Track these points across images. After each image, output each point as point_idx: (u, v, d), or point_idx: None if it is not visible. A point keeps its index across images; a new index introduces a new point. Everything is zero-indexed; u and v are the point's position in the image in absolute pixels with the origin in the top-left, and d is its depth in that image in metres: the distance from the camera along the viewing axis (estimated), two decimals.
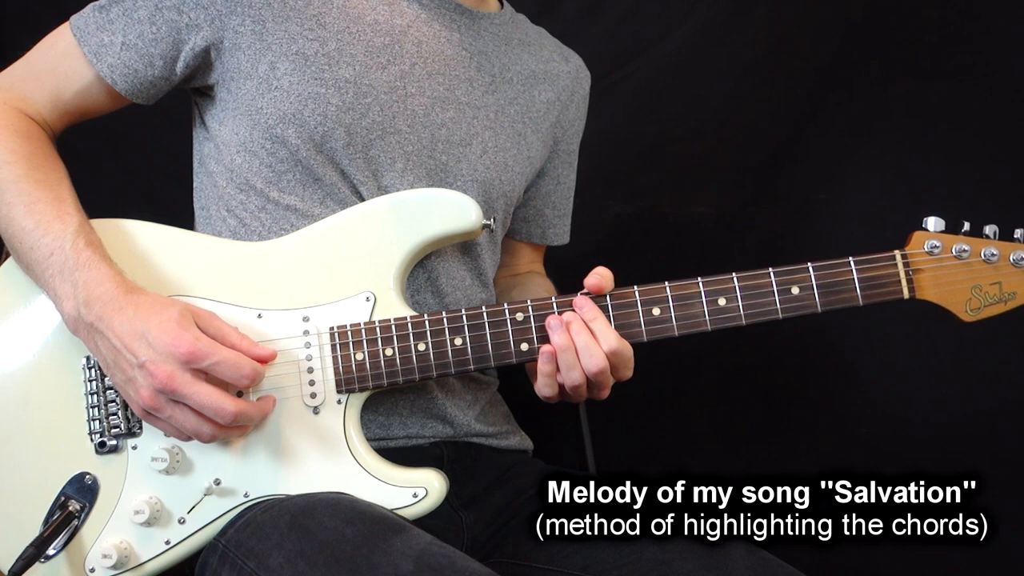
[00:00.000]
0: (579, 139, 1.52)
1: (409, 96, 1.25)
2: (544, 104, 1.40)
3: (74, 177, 1.21)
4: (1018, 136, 1.89)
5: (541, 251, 1.59)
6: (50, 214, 1.13)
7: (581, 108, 1.50)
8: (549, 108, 1.41)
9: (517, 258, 1.55)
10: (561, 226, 1.54)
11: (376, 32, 1.25)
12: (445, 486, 1.15)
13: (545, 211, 1.50)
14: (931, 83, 1.92)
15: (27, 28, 1.27)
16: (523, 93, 1.37)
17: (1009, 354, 1.91)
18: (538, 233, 1.52)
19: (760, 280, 1.14)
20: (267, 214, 1.24)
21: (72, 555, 1.13)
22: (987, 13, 1.90)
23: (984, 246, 1.14)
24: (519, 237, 1.52)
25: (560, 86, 1.43)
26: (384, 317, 1.15)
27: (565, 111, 1.44)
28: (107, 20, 1.22)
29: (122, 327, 1.07)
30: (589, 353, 1.11)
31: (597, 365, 1.11)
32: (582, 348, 1.11)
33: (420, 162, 1.26)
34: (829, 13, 1.95)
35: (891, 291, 1.14)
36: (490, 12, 1.37)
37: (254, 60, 1.21)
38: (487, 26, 1.35)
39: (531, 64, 1.40)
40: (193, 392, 1.05)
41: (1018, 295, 1.15)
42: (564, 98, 1.44)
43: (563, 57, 1.46)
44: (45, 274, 1.12)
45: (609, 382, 1.14)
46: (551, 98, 1.41)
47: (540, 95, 1.39)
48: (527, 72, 1.39)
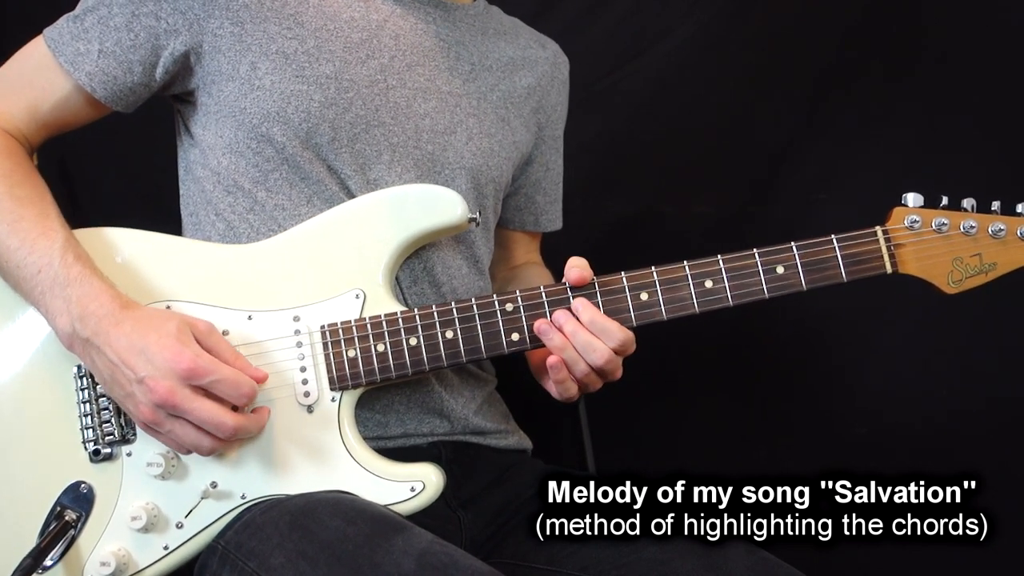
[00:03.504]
0: (563, 124, 1.53)
1: (390, 89, 1.26)
2: (525, 89, 1.41)
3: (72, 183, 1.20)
4: (1018, 136, 1.89)
5: (537, 241, 1.59)
6: (35, 231, 1.13)
7: (562, 93, 1.51)
8: (530, 93, 1.42)
9: (513, 250, 1.56)
10: (553, 212, 1.54)
11: (353, 28, 1.26)
12: (442, 480, 1.15)
13: (536, 198, 1.51)
14: (931, 83, 1.92)
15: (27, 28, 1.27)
16: (503, 80, 1.38)
17: (1009, 354, 1.91)
18: (531, 220, 1.52)
19: (745, 261, 1.15)
20: (255, 215, 1.24)
21: (70, 565, 1.12)
22: (987, 13, 1.90)
23: (963, 219, 1.16)
24: (513, 226, 1.52)
25: (539, 71, 1.44)
26: (374, 313, 1.16)
27: (547, 96, 1.45)
28: (81, 30, 1.22)
29: (120, 342, 1.06)
30: (592, 349, 1.12)
31: (603, 358, 1.12)
32: (583, 347, 1.13)
33: (407, 153, 1.26)
34: (829, 13, 1.95)
35: (874, 266, 1.15)
36: (464, 4, 1.38)
37: (235, 62, 1.21)
38: (462, 17, 1.37)
39: (509, 52, 1.41)
40: (194, 408, 1.04)
41: (998, 266, 1.16)
42: (544, 83, 1.45)
43: (540, 44, 1.47)
44: (35, 292, 1.11)
45: (617, 365, 1.16)
46: (531, 83, 1.42)
47: (520, 81, 1.40)
48: (505, 59, 1.40)
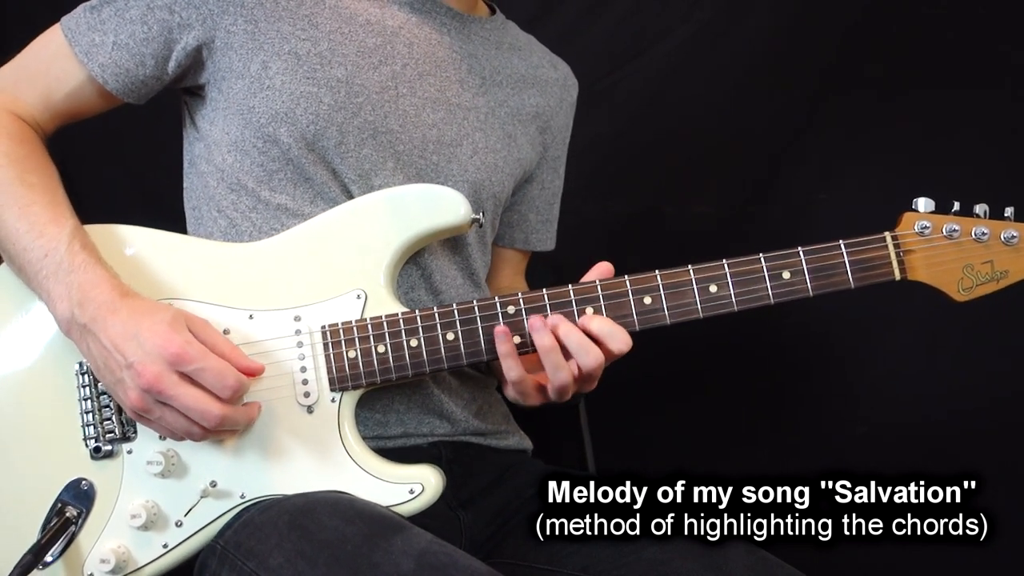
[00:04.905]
0: (566, 146, 1.52)
1: (400, 96, 1.26)
2: (533, 108, 1.40)
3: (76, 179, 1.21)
4: (1018, 136, 1.89)
5: (524, 263, 1.58)
6: (45, 217, 1.13)
7: (569, 116, 1.50)
8: (539, 113, 1.41)
9: (500, 269, 1.53)
10: (544, 232, 1.53)
11: (368, 33, 1.25)
12: (442, 481, 1.14)
13: (529, 216, 1.50)
14: (931, 83, 1.92)
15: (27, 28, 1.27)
16: (512, 96, 1.38)
17: (1009, 354, 1.91)
18: (521, 238, 1.51)
19: (751, 266, 1.14)
20: (258, 214, 1.24)
21: (70, 561, 1.13)
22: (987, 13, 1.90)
23: (974, 225, 1.13)
24: (503, 243, 1.51)
25: (549, 93, 1.43)
26: (375, 314, 1.15)
27: (554, 118, 1.45)
28: (98, 20, 1.22)
29: (114, 328, 1.06)
30: (585, 352, 1.10)
31: (596, 361, 1.10)
32: (576, 348, 1.10)
33: (411, 162, 1.26)
34: (829, 13, 1.95)
35: (882, 273, 1.13)
36: (480, 17, 1.38)
37: (246, 59, 1.21)
38: (477, 30, 1.36)
39: (520, 68, 1.40)
40: (179, 394, 1.04)
41: (1010, 273, 1.13)
42: (553, 104, 1.44)
43: (552, 64, 1.47)
44: (39, 276, 1.11)
45: (599, 374, 1.13)
46: (540, 103, 1.41)
47: (529, 99, 1.40)
48: (516, 76, 1.39)
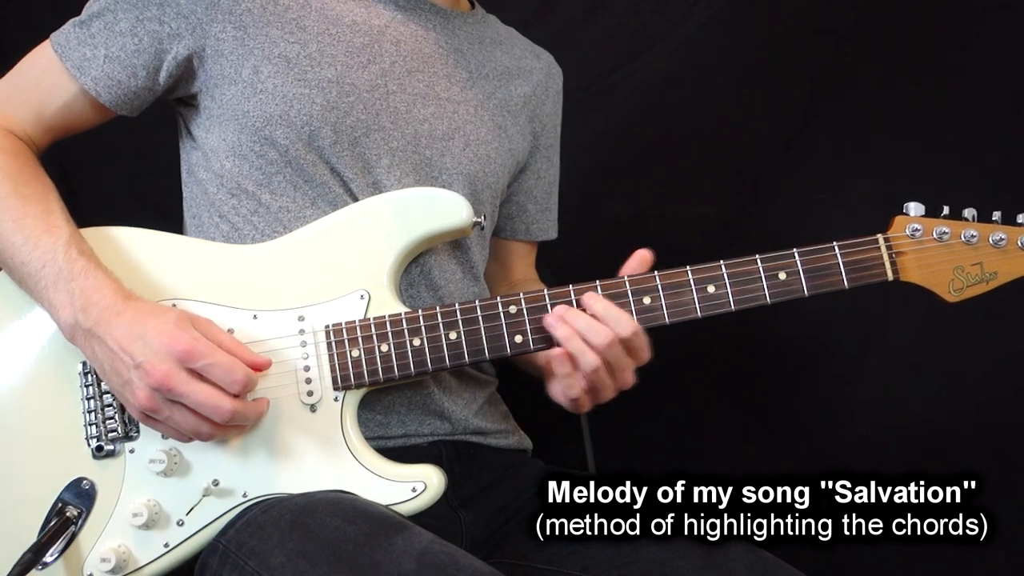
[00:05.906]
0: (557, 134, 1.54)
1: (391, 93, 1.27)
2: (521, 98, 1.42)
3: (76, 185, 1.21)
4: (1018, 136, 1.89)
5: (533, 254, 1.59)
6: (39, 228, 1.14)
7: (556, 103, 1.52)
8: (526, 102, 1.43)
9: (511, 264, 1.55)
10: (544, 221, 1.54)
11: (355, 33, 1.27)
12: (443, 481, 1.15)
13: (528, 206, 1.51)
14: (931, 83, 1.92)
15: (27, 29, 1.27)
16: (500, 88, 1.39)
17: (1009, 354, 1.91)
18: (522, 229, 1.52)
19: (748, 267, 1.16)
20: (259, 217, 1.25)
21: (70, 561, 1.13)
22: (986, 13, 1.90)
23: (964, 228, 1.16)
24: (504, 235, 1.52)
25: (534, 81, 1.45)
26: (379, 314, 1.16)
27: (541, 106, 1.47)
28: (88, 35, 1.23)
29: (120, 330, 1.07)
30: (594, 331, 1.11)
31: (606, 337, 1.10)
32: (584, 329, 1.11)
33: (406, 157, 1.27)
34: (828, 13, 1.95)
35: (875, 274, 1.16)
36: (463, 11, 1.40)
37: (237, 65, 1.22)
38: (461, 25, 1.38)
39: (505, 61, 1.42)
40: (190, 390, 1.05)
41: (999, 275, 1.16)
42: (539, 93, 1.46)
43: (534, 54, 1.49)
44: (38, 287, 1.12)
45: (627, 364, 1.13)
46: (527, 92, 1.43)
47: (516, 90, 1.42)
48: (501, 68, 1.41)
